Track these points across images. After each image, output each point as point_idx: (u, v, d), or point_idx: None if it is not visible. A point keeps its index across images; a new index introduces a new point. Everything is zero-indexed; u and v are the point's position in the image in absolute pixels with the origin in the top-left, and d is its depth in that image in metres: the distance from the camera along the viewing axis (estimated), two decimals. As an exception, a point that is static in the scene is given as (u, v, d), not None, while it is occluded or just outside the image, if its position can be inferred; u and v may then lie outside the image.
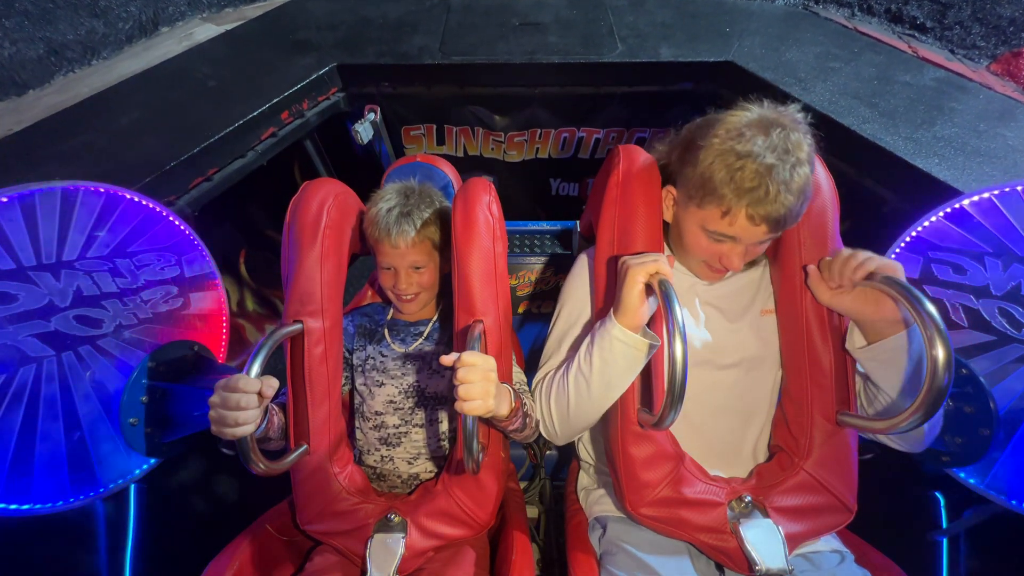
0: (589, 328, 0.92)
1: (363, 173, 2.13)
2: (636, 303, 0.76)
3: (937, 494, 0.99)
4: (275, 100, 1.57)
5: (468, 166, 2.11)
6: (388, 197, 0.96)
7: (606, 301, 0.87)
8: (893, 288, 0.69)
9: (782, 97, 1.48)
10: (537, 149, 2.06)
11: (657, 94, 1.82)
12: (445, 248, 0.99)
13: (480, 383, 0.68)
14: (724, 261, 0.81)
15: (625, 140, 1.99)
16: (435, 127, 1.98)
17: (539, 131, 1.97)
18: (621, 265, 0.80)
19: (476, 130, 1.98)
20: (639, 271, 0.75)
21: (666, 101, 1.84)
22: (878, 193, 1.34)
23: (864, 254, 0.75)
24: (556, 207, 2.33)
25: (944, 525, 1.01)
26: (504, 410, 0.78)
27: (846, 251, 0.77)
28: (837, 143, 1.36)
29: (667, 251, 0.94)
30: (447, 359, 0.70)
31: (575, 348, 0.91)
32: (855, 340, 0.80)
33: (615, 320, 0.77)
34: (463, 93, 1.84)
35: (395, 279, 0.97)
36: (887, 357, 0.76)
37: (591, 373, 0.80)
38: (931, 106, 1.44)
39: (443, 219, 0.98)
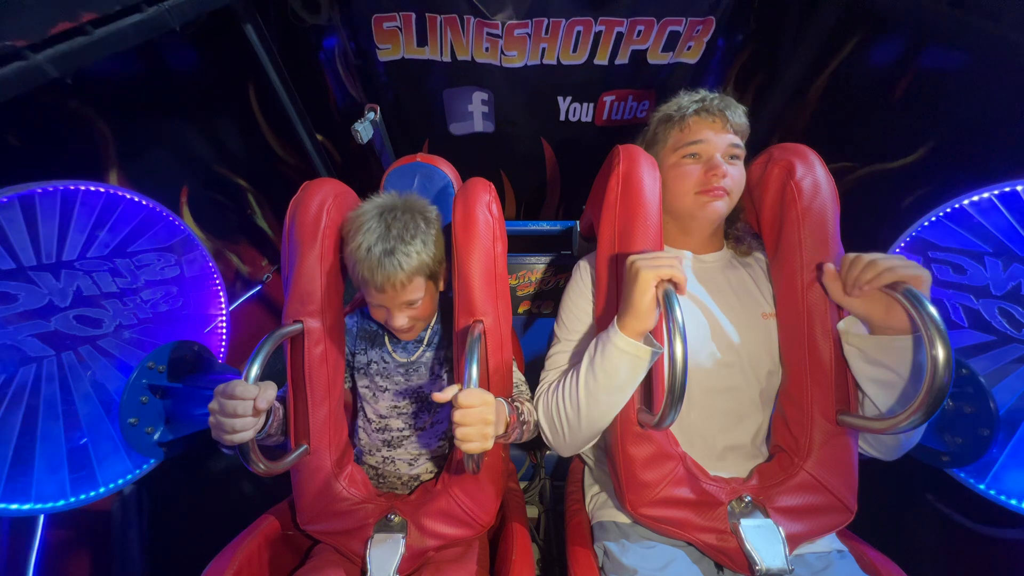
0: (592, 335, 0.92)
1: (363, 172, 2.13)
2: (646, 309, 0.72)
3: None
4: None
5: (457, 75, 1.72)
6: (368, 226, 0.85)
7: (608, 304, 0.87)
8: (893, 288, 0.69)
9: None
10: (543, 50, 1.63)
11: None
12: (441, 265, 0.94)
13: (477, 426, 0.68)
14: (709, 172, 0.87)
15: (655, 34, 1.58)
16: (414, 16, 1.56)
17: (546, 22, 1.54)
18: (630, 266, 0.75)
19: (466, 20, 1.55)
20: (652, 275, 0.71)
21: None
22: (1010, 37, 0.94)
23: (883, 262, 0.72)
24: (565, 136, 1.93)
25: None
26: (501, 430, 0.78)
27: (865, 256, 0.75)
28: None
29: (666, 249, 0.94)
30: (441, 396, 0.69)
31: (577, 357, 0.90)
32: (853, 326, 0.79)
33: (618, 328, 0.75)
34: None
35: (387, 316, 0.90)
36: (877, 355, 0.76)
37: (596, 386, 0.78)
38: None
39: (435, 237, 0.91)
